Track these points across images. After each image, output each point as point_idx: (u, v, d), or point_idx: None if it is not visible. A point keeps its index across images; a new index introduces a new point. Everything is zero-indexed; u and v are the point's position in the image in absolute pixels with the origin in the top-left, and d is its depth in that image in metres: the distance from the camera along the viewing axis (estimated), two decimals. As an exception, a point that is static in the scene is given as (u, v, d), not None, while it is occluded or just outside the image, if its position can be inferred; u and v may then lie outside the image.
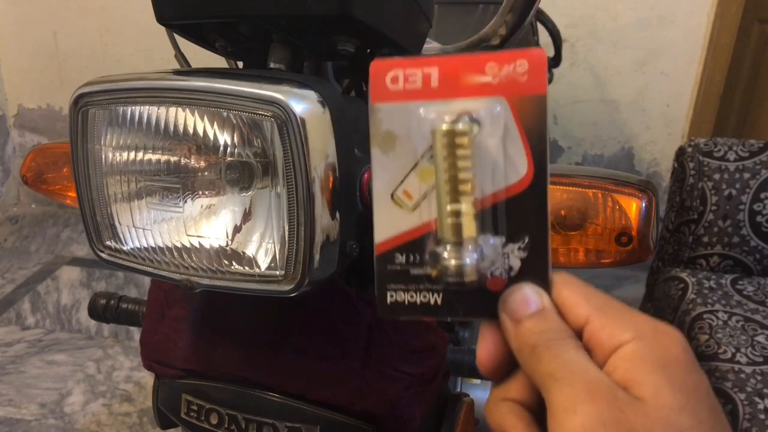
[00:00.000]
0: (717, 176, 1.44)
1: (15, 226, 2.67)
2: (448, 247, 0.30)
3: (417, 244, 0.31)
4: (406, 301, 0.32)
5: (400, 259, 0.31)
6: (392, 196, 0.31)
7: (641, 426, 0.24)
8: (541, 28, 1.58)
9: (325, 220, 0.41)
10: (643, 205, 0.51)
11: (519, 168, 0.30)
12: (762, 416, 1.02)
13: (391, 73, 0.30)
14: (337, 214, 0.42)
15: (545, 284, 0.30)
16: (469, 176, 0.30)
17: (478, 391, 0.96)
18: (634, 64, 2.14)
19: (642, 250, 0.51)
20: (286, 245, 0.42)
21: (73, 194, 0.74)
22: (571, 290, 0.30)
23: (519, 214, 0.30)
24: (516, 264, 0.31)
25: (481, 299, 0.31)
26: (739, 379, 1.09)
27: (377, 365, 0.51)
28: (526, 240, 0.30)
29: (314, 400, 0.51)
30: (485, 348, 0.31)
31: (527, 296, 0.30)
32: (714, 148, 1.46)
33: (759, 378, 1.09)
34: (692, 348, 0.29)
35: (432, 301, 0.32)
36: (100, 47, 2.57)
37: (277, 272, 0.43)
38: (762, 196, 1.41)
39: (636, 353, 0.26)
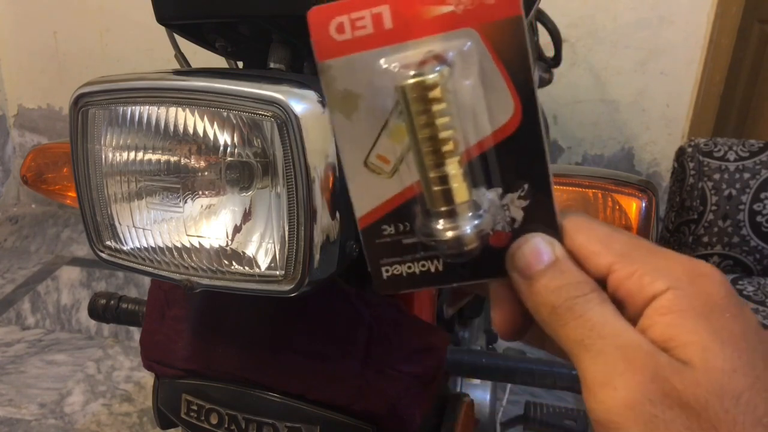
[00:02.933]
0: (717, 176, 1.44)
1: (15, 226, 2.67)
2: (441, 218, 0.27)
3: (404, 211, 0.28)
4: (404, 273, 0.29)
5: (389, 230, 0.28)
6: (366, 163, 0.27)
7: (693, 397, 0.21)
8: (541, 28, 1.58)
9: (325, 220, 0.41)
10: (643, 205, 0.51)
11: (504, 107, 0.26)
12: (762, 416, 1.02)
13: (334, 21, 0.26)
14: (337, 214, 0.42)
15: (555, 232, 0.27)
16: (449, 133, 0.26)
17: (478, 391, 0.96)
18: (634, 64, 2.14)
19: (642, 250, 0.51)
20: (286, 245, 0.42)
21: (73, 194, 0.74)
22: (587, 235, 0.26)
23: (512, 160, 0.26)
24: (518, 215, 0.27)
25: (486, 259, 0.28)
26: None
27: (377, 365, 0.51)
28: (526, 187, 0.27)
29: (314, 400, 0.51)
30: (500, 312, 0.28)
31: (537, 247, 0.26)
32: (714, 148, 1.46)
33: (759, 378, 1.09)
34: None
35: (433, 269, 0.28)
36: (100, 47, 2.57)
37: (277, 272, 0.43)
38: (762, 196, 1.41)
39: (674, 305, 0.23)
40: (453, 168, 0.26)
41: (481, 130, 0.26)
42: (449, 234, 0.27)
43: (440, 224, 0.27)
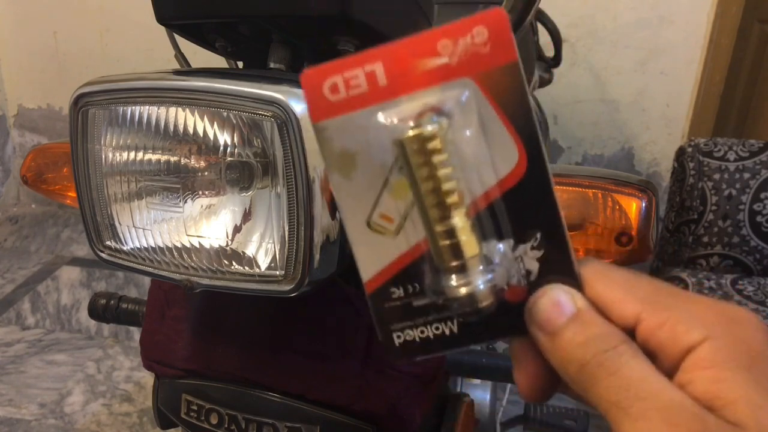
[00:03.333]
0: (717, 176, 1.44)
1: (15, 226, 2.67)
2: (453, 275, 0.25)
3: (412, 271, 0.26)
4: (417, 338, 0.27)
5: (398, 292, 0.27)
6: (368, 223, 0.26)
7: None
8: (541, 28, 1.58)
9: (325, 220, 0.41)
10: (643, 205, 0.51)
11: (508, 155, 0.25)
12: (762, 416, 1.02)
13: (328, 82, 0.25)
14: (337, 214, 0.42)
15: (574, 281, 0.25)
16: (453, 184, 0.25)
17: (478, 391, 0.96)
18: (634, 64, 2.14)
19: (642, 250, 0.51)
20: (286, 245, 0.42)
21: (73, 194, 0.74)
22: (608, 283, 0.24)
23: (521, 209, 0.25)
24: (533, 266, 0.26)
25: (502, 315, 0.26)
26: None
27: (377, 365, 0.51)
28: (538, 236, 0.26)
29: (314, 400, 0.51)
30: (524, 373, 0.26)
31: (557, 299, 0.25)
32: (714, 148, 1.46)
33: (759, 378, 1.09)
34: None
35: (447, 331, 0.27)
36: (100, 47, 2.57)
37: (277, 272, 0.43)
38: (762, 196, 1.41)
39: (714, 358, 0.21)
40: (460, 220, 0.25)
41: (486, 180, 0.25)
42: (462, 291, 0.25)
43: (452, 281, 0.26)
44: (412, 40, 0.25)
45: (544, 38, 1.62)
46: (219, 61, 0.60)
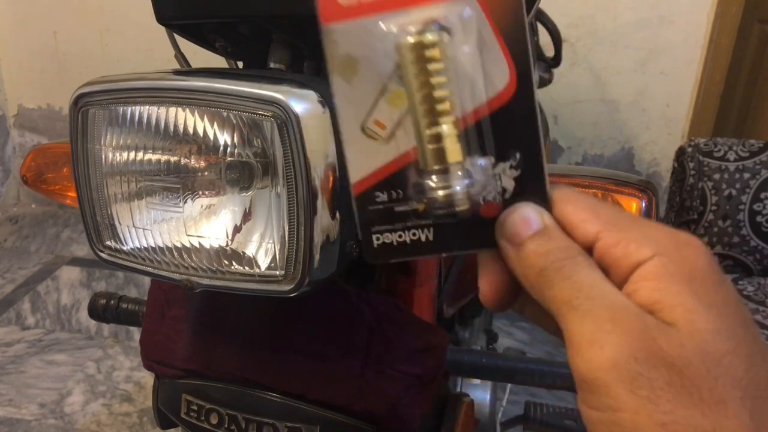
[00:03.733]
0: (717, 176, 1.44)
1: (15, 226, 2.67)
2: (434, 175, 0.27)
3: (398, 177, 0.28)
4: (395, 242, 0.29)
5: (382, 197, 0.28)
6: (362, 128, 0.28)
7: (677, 357, 0.22)
8: (541, 28, 1.58)
9: (325, 220, 0.41)
10: (643, 205, 0.51)
11: (500, 77, 0.26)
12: (762, 416, 1.02)
13: None
14: (337, 214, 0.42)
15: (544, 202, 0.27)
16: (446, 93, 0.26)
17: (478, 391, 0.96)
18: (634, 64, 2.14)
19: (642, 250, 0.51)
20: (286, 245, 0.42)
21: (73, 194, 0.74)
22: (575, 205, 0.27)
23: (506, 129, 0.27)
24: (510, 185, 0.27)
25: (476, 229, 0.28)
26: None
27: (377, 365, 0.51)
28: (518, 156, 0.27)
29: (314, 400, 0.51)
30: (487, 281, 0.29)
31: (526, 216, 0.27)
32: (714, 148, 1.46)
33: (759, 378, 1.09)
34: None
35: (423, 238, 0.29)
36: (100, 47, 2.57)
37: (277, 272, 0.43)
38: (762, 196, 1.41)
39: (659, 271, 0.24)
40: (448, 128, 0.26)
41: (477, 97, 0.27)
42: (441, 192, 0.27)
43: (432, 182, 0.27)
44: None
45: (544, 38, 1.62)
46: (219, 61, 0.60)
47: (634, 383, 0.22)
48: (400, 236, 0.29)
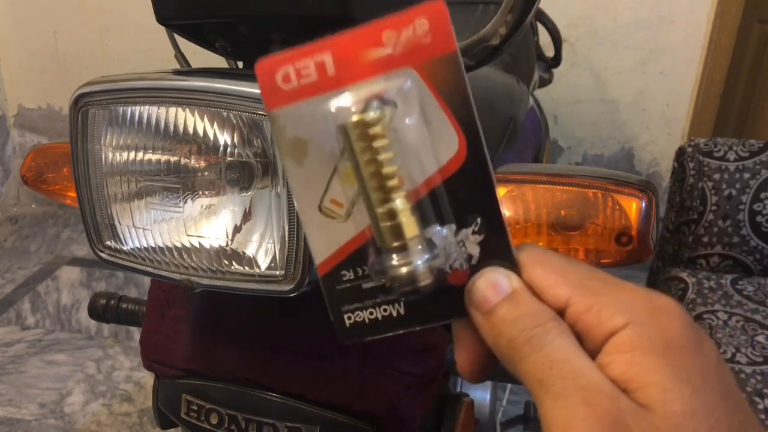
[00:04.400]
0: (717, 176, 1.44)
1: (15, 226, 2.67)
2: (393, 253, 0.27)
3: (361, 254, 0.28)
4: (366, 320, 0.28)
5: (348, 275, 0.28)
6: (320, 208, 0.27)
7: None
8: (541, 28, 1.58)
9: (325, 220, 0.41)
10: (643, 205, 0.51)
11: (448, 143, 0.26)
12: (762, 416, 1.02)
13: (280, 72, 0.26)
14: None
15: (512, 265, 0.27)
16: (394, 168, 0.26)
17: (478, 391, 0.96)
18: (634, 64, 2.14)
19: (642, 250, 0.51)
20: (286, 245, 0.42)
21: (73, 194, 0.74)
22: (544, 268, 0.26)
23: (462, 195, 0.27)
24: (475, 251, 0.27)
25: (446, 298, 0.27)
26: (739, 380, 1.09)
27: (377, 365, 0.51)
28: (479, 221, 0.27)
29: (314, 400, 0.51)
30: (463, 352, 0.28)
31: (494, 281, 0.26)
32: (714, 148, 1.46)
33: (759, 378, 1.09)
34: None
35: (395, 313, 0.28)
36: (100, 47, 2.57)
37: (277, 272, 0.43)
38: (762, 196, 1.41)
39: (633, 342, 0.23)
40: (400, 203, 0.26)
41: (428, 167, 0.26)
42: (403, 270, 0.26)
43: (393, 261, 0.27)
44: (358, 31, 0.26)
45: (544, 38, 1.62)
46: (219, 61, 0.60)
47: None
48: (371, 313, 0.28)
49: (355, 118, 0.26)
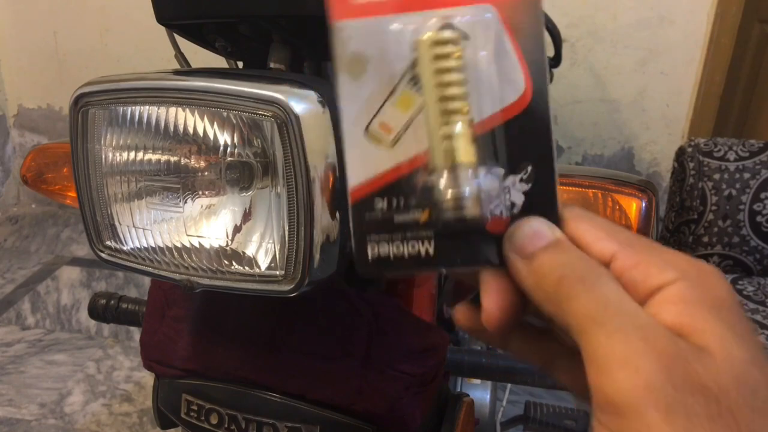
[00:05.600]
0: (717, 176, 1.44)
1: (15, 226, 2.67)
2: (444, 175, 0.26)
3: (401, 184, 0.26)
4: (392, 254, 0.27)
5: (381, 204, 0.27)
6: (366, 130, 0.26)
7: (715, 384, 0.21)
8: (541, 28, 1.58)
9: (325, 220, 0.41)
10: (643, 205, 0.51)
11: (515, 85, 0.26)
12: (762, 416, 1.02)
13: None
14: (337, 214, 0.42)
15: (555, 220, 0.26)
16: (462, 91, 0.25)
17: (478, 391, 0.96)
18: (634, 64, 2.14)
19: (642, 250, 0.51)
20: (286, 245, 0.42)
21: (73, 194, 0.74)
22: (590, 224, 0.25)
23: (519, 140, 0.26)
24: (519, 199, 0.26)
25: (480, 244, 0.26)
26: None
27: (377, 365, 0.51)
28: (529, 170, 0.26)
29: (314, 400, 0.51)
30: (492, 298, 0.26)
31: (537, 229, 0.25)
32: (714, 148, 1.46)
33: (759, 378, 1.09)
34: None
35: (423, 252, 0.27)
36: (100, 47, 2.57)
37: (277, 272, 0.43)
38: (762, 196, 1.41)
39: (684, 295, 0.23)
40: (462, 127, 0.25)
41: (492, 104, 0.26)
42: (449, 193, 0.26)
43: (442, 182, 0.26)
44: None
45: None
46: (219, 61, 0.60)
47: (670, 410, 0.21)
48: (397, 248, 0.27)
49: (432, 34, 0.25)
